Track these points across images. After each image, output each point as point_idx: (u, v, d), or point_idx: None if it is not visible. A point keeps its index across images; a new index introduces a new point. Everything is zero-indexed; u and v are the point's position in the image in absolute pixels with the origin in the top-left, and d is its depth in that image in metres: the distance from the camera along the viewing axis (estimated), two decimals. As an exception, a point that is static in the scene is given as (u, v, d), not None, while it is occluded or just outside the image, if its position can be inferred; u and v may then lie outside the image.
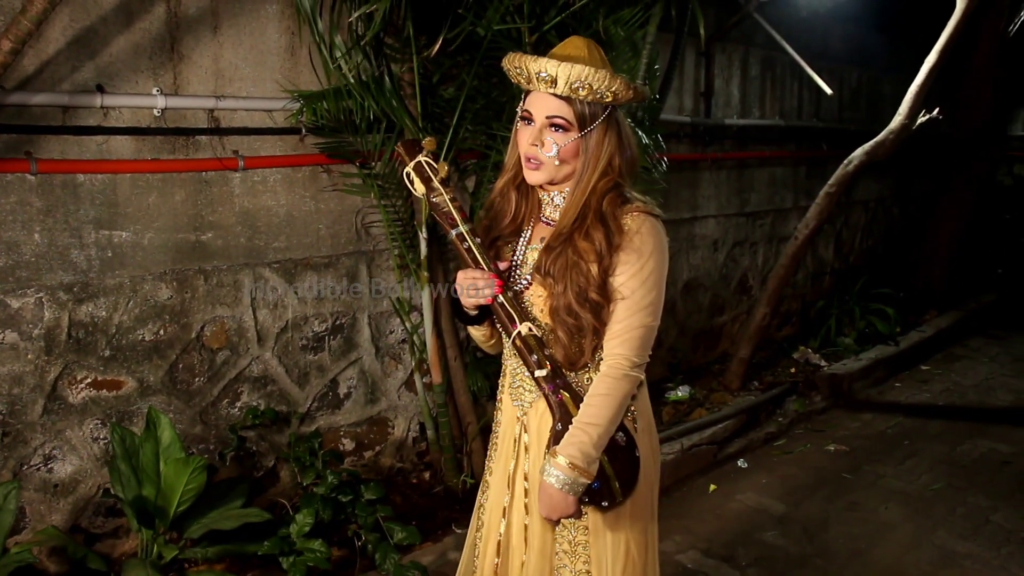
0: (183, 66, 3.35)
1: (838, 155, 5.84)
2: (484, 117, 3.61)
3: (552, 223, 1.97)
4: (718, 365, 6.05)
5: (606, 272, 1.86)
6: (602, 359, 1.90)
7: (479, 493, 2.20)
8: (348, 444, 3.97)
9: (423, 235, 3.63)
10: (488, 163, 3.68)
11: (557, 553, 2.01)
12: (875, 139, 5.45)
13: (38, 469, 3.19)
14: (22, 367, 3.11)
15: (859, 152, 5.47)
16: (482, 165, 3.80)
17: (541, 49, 3.49)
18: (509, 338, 1.93)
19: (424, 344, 3.83)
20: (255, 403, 3.66)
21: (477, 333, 2.12)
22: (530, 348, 1.88)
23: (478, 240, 1.93)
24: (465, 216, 1.92)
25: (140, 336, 3.35)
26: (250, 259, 3.58)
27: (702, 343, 6.12)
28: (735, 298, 6.39)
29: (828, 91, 5.53)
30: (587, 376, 1.93)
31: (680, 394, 5.33)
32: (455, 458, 3.96)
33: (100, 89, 3.14)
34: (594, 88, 1.81)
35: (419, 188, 1.93)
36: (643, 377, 1.93)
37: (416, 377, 4.03)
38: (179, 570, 3.10)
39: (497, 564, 2.09)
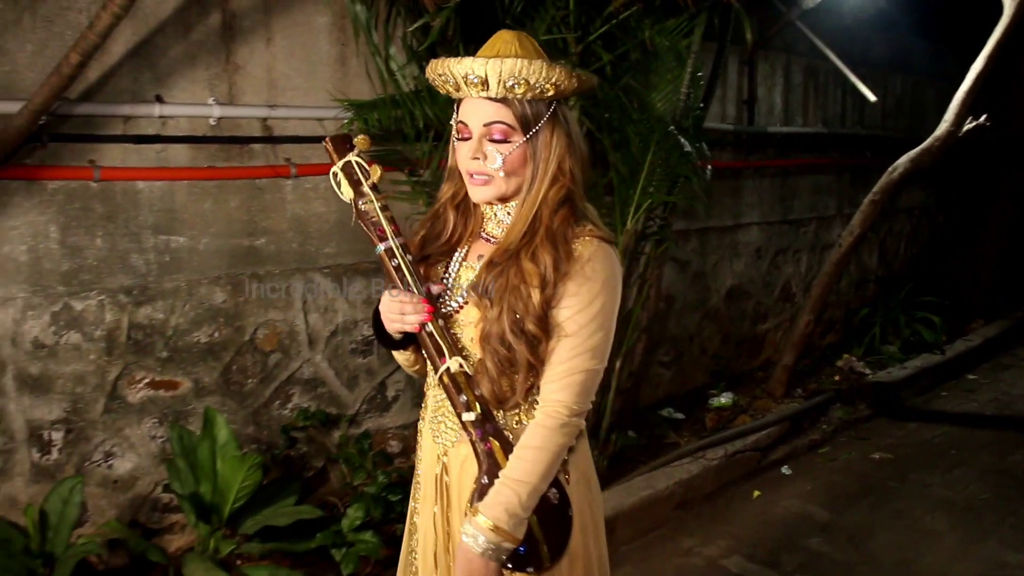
0: (238, 76, 3.45)
1: (882, 162, 5.81)
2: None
3: (494, 240, 1.75)
4: (761, 372, 6.04)
5: (548, 302, 1.63)
6: (536, 403, 1.69)
7: (405, 535, 1.95)
8: (395, 446, 4.04)
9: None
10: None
11: None
12: (920, 146, 5.43)
13: (99, 465, 3.30)
14: (84, 367, 3.23)
15: (904, 159, 5.44)
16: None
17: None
18: (436, 372, 1.69)
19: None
20: (306, 405, 3.74)
21: (400, 357, 1.88)
22: (459, 387, 1.66)
23: (409, 258, 1.70)
24: (396, 229, 1.69)
25: (196, 338, 3.46)
26: (302, 264, 3.68)
27: (745, 350, 6.12)
28: (778, 305, 6.38)
29: (872, 98, 5.52)
30: (516, 418, 1.71)
31: (723, 401, 5.34)
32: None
33: (159, 99, 3.25)
34: (531, 83, 1.59)
35: (346, 192, 1.70)
36: (583, 426, 1.71)
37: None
38: (234, 565, 3.19)
39: None
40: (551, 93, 1.62)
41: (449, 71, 1.63)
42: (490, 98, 1.62)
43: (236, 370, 3.58)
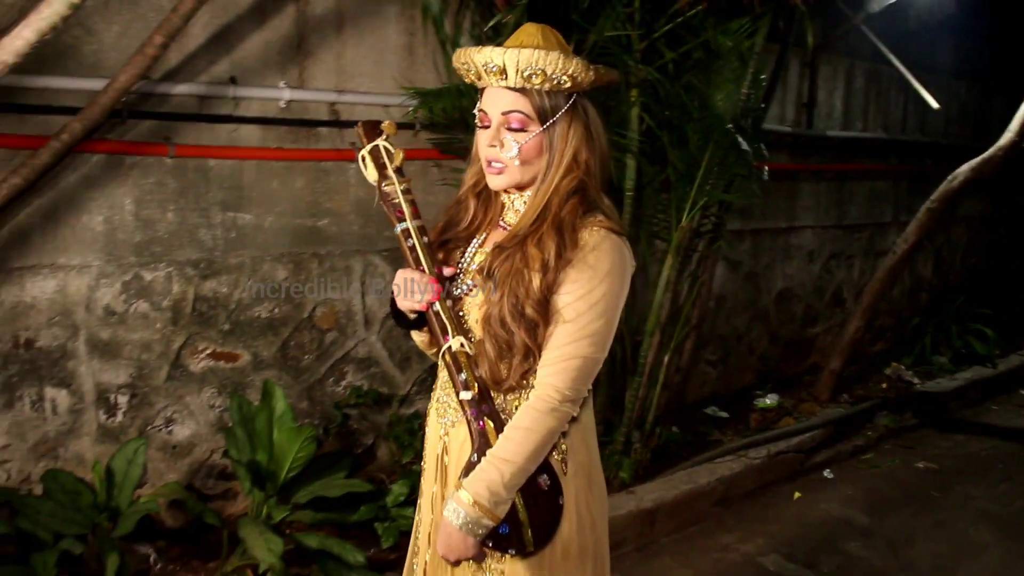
0: (308, 62, 3.56)
1: (942, 170, 5.78)
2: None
3: (510, 228, 1.78)
4: (808, 376, 6.03)
5: (549, 288, 1.65)
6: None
7: (416, 512, 1.99)
8: (442, 428, 4.14)
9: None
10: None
11: None
12: (982, 155, 5.39)
13: (159, 430, 3.44)
14: (151, 335, 3.37)
15: (965, 168, 5.40)
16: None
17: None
18: (439, 350, 1.74)
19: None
20: (359, 383, 3.85)
21: (417, 338, 1.93)
22: (459, 366, 1.69)
23: (425, 239, 1.75)
24: (416, 212, 1.74)
25: (257, 313, 3.58)
26: (361, 246, 3.78)
27: (792, 353, 6.12)
28: (828, 310, 6.36)
29: (934, 105, 5.49)
30: (516, 403, 1.73)
31: (768, 402, 5.36)
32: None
33: (233, 81, 3.37)
34: (548, 73, 1.63)
35: (371, 174, 1.76)
36: (576, 413, 1.71)
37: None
38: (284, 532, 3.31)
39: None
40: (568, 85, 1.65)
41: (471, 60, 1.68)
42: (509, 88, 1.66)
43: (294, 346, 3.70)
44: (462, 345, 1.70)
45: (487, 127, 1.71)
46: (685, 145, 3.79)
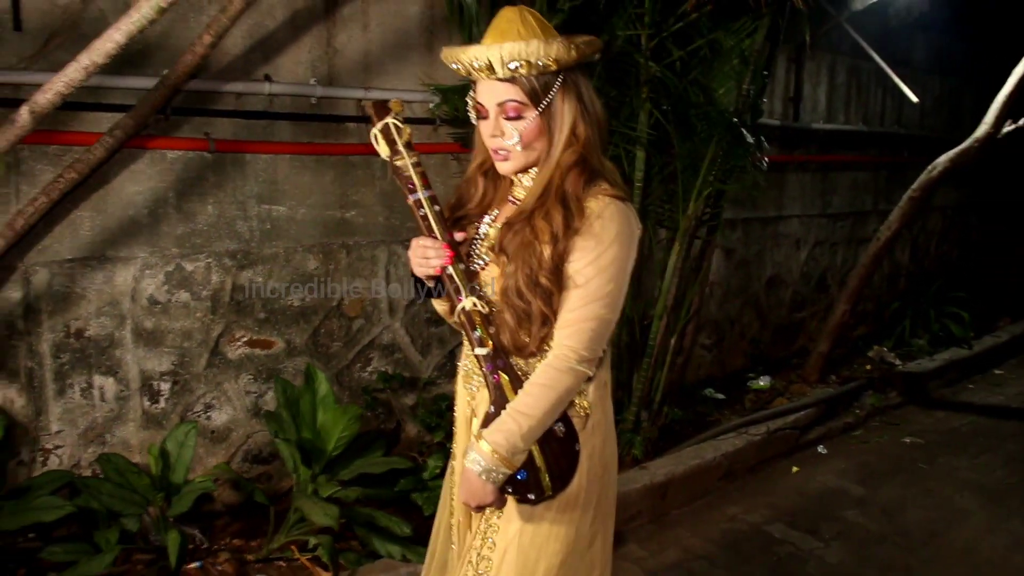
0: (337, 60, 3.73)
1: (918, 161, 6.06)
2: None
3: (520, 203, 1.86)
4: (796, 359, 6.30)
5: (560, 257, 1.73)
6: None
7: (447, 474, 2.11)
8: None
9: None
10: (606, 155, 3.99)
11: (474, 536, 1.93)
12: (959, 147, 5.67)
13: (199, 416, 3.59)
14: (191, 324, 3.52)
15: (943, 159, 5.68)
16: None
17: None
18: (454, 315, 1.85)
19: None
20: (384, 368, 4.03)
21: (438, 307, 2.00)
22: (473, 324, 1.79)
23: (437, 208, 1.82)
24: (426, 183, 1.82)
25: (290, 302, 3.74)
26: (386, 236, 3.95)
27: (781, 337, 6.38)
28: (814, 296, 6.63)
29: (914, 99, 5.75)
30: (536, 365, 1.80)
31: (762, 383, 5.61)
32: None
33: (268, 79, 3.53)
34: (532, 62, 1.69)
35: (383, 150, 1.83)
36: (591, 373, 1.80)
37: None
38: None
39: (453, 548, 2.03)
40: (554, 68, 1.72)
41: (458, 59, 1.76)
42: (499, 79, 1.73)
43: (324, 333, 3.86)
44: (475, 304, 1.79)
45: (485, 118, 1.80)
46: (691, 138, 3.99)
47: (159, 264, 3.41)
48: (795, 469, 4.67)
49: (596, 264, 1.73)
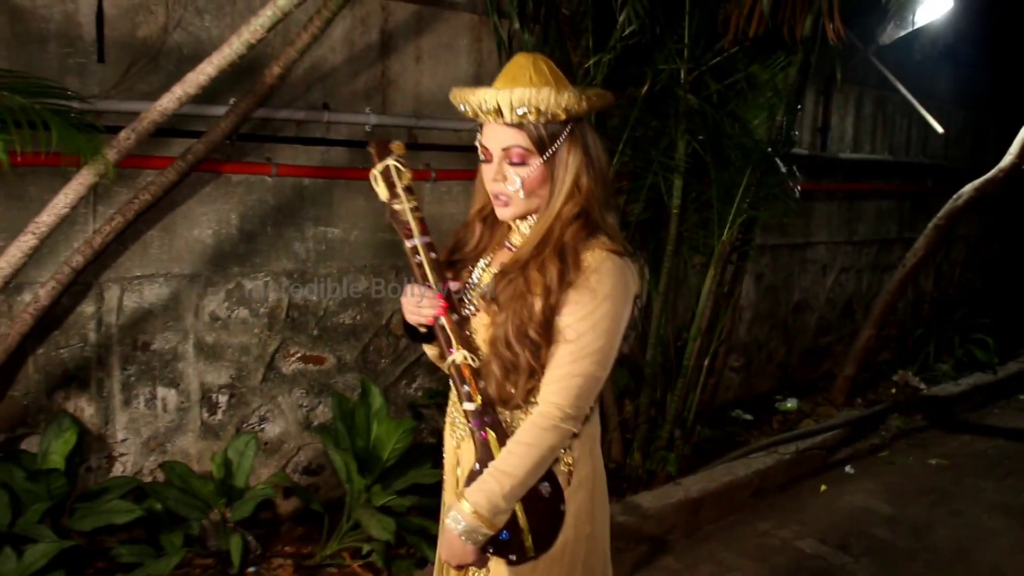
0: (390, 90, 3.92)
1: (942, 190, 6.20)
2: (644, 144, 4.11)
3: (515, 250, 1.83)
4: (822, 382, 6.42)
5: (552, 310, 1.70)
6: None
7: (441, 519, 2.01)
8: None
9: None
10: (644, 184, 4.17)
11: None
12: (986, 176, 5.81)
13: (253, 428, 3.76)
14: (249, 339, 3.70)
15: (968, 188, 5.82)
16: (636, 186, 4.29)
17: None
18: (444, 364, 1.80)
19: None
20: (428, 385, 4.19)
21: (429, 352, 1.97)
22: (462, 378, 1.75)
23: (433, 256, 1.79)
24: (424, 229, 1.79)
25: (341, 320, 3.91)
26: (433, 258, 4.12)
27: (808, 361, 6.51)
28: (840, 321, 6.76)
29: (940, 130, 5.89)
30: (522, 418, 1.77)
31: (789, 405, 5.74)
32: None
33: (326, 107, 3.72)
34: (542, 110, 1.67)
35: (382, 192, 1.81)
36: (577, 430, 1.75)
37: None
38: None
39: None
40: (563, 117, 1.70)
41: (466, 100, 1.73)
42: (507, 124, 1.71)
43: (372, 350, 4.03)
44: (465, 358, 1.75)
45: (489, 161, 1.77)
46: (727, 167, 4.16)
47: (221, 282, 3.59)
48: (823, 488, 4.78)
49: (588, 319, 1.69)
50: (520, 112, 1.67)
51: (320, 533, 3.52)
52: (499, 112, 1.69)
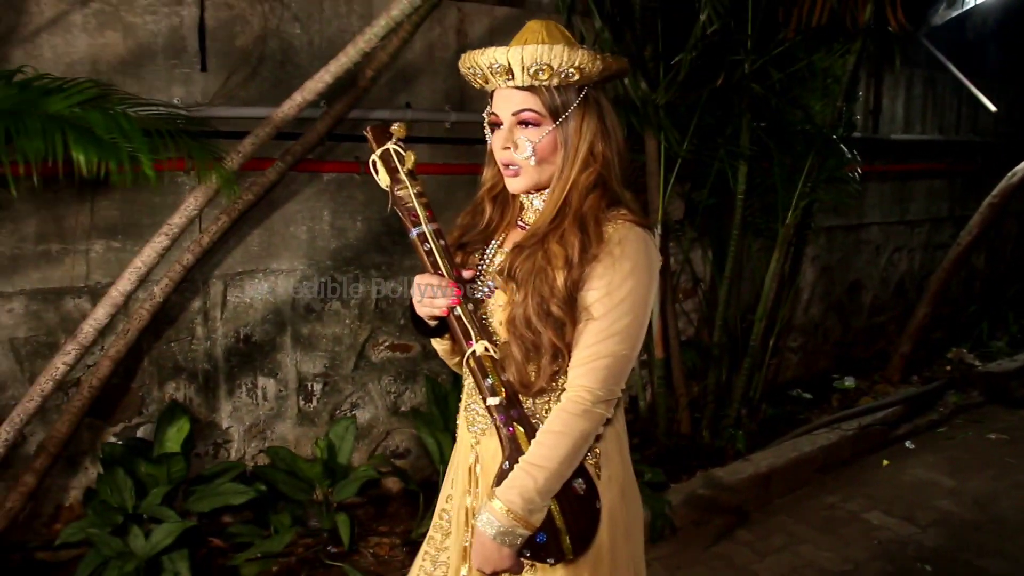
0: (467, 86, 4.04)
1: (993, 168, 6.28)
2: (709, 132, 4.25)
3: (530, 227, 1.72)
4: (877, 361, 6.52)
5: (575, 284, 1.59)
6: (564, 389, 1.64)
7: (434, 516, 1.91)
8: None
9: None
10: (710, 171, 4.32)
11: None
12: (1040, 153, 5.88)
13: (346, 414, 3.96)
14: (342, 330, 3.90)
15: (1023, 165, 5.89)
16: (699, 172, 4.44)
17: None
18: (463, 356, 1.66)
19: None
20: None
21: (438, 347, 1.86)
22: (484, 371, 1.62)
23: (442, 242, 1.69)
24: (431, 215, 1.70)
25: (425, 309, 4.10)
26: (509, 248, 4.30)
27: (862, 340, 6.62)
28: (893, 300, 6.86)
29: (992, 108, 5.97)
30: (547, 406, 1.66)
31: (847, 383, 5.88)
32: (668, 424, 4.59)
33: (408, 106, 3.90)
34: (555, 68, 1.57)
35: (383, 179, 1.73)
36: (610, 415, 1.63)
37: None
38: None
39: None
40: (577, 78, 1.60)
41: (476, 63, 1.64)
42: (518, 87, 1.62)
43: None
44: (486, 349, 1.63)
45: (499, 126, 1.68)
46: (789, 152, 4.30)
47: (315, 276, 3.79)
48: (886, 462, 4.91)
49: (614, 295, 1.59)
50: (532, 70, 1.58)
51: (415, 512, 3.72)
52: (510, 72, 1.60)
